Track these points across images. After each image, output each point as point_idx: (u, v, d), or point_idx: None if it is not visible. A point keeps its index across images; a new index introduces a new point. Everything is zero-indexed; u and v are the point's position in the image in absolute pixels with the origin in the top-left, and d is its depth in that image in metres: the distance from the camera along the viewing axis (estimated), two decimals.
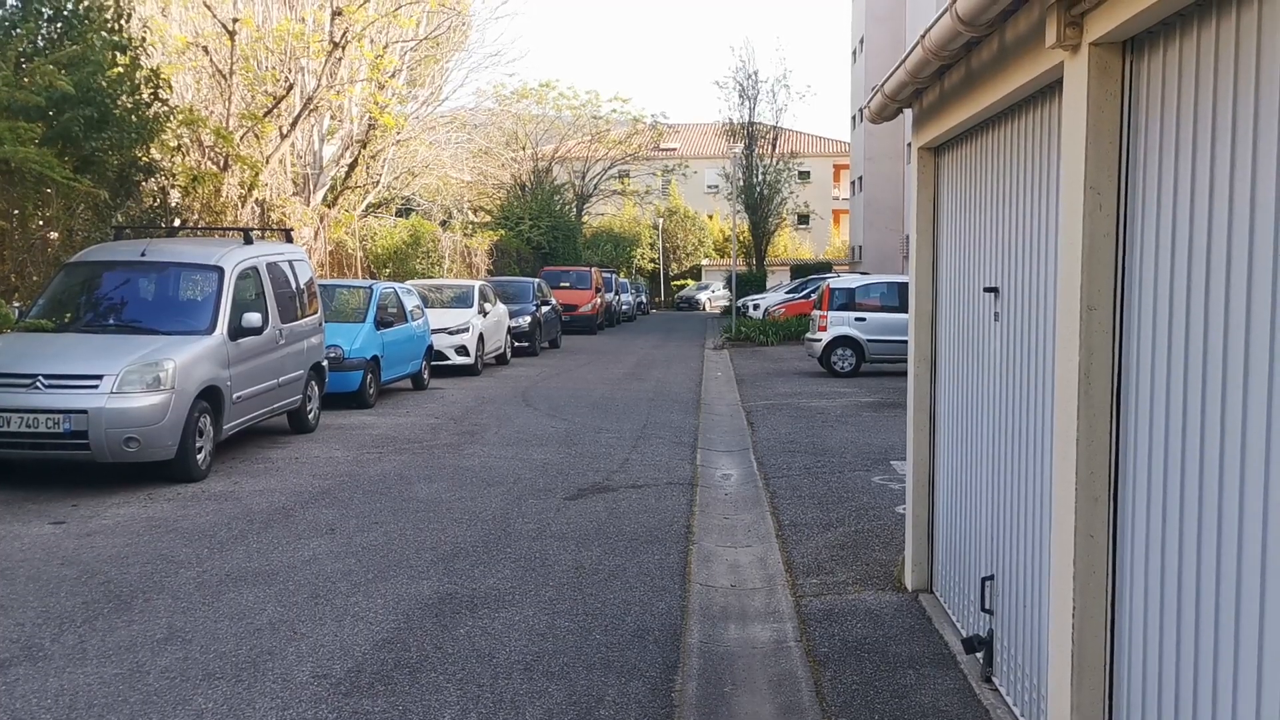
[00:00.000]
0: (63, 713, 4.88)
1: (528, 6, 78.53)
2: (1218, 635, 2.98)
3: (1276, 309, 2.69)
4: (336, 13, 22.03)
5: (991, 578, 5.22)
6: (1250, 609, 2.80)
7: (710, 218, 69.25)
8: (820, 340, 20.60)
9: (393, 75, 26.05)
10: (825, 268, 47.86)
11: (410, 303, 18.08)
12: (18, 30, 13.08)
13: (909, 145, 7.67)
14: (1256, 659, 2.77)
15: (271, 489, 9.79)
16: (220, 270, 11.10)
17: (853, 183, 52.09)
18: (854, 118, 49.81)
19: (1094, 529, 3.73)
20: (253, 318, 11.07)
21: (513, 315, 24.44)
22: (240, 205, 19.22)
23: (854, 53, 49.66)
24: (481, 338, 20.87)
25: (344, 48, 22.33)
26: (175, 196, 17.36)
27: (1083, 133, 3.63)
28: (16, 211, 12.87)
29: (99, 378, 9.45)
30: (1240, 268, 2.87)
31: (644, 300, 53.75)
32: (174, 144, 17.05)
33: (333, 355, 14.57)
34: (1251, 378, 2.81)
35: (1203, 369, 3.08)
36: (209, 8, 20.64)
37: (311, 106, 22.33)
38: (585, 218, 55.50)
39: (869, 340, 20.34)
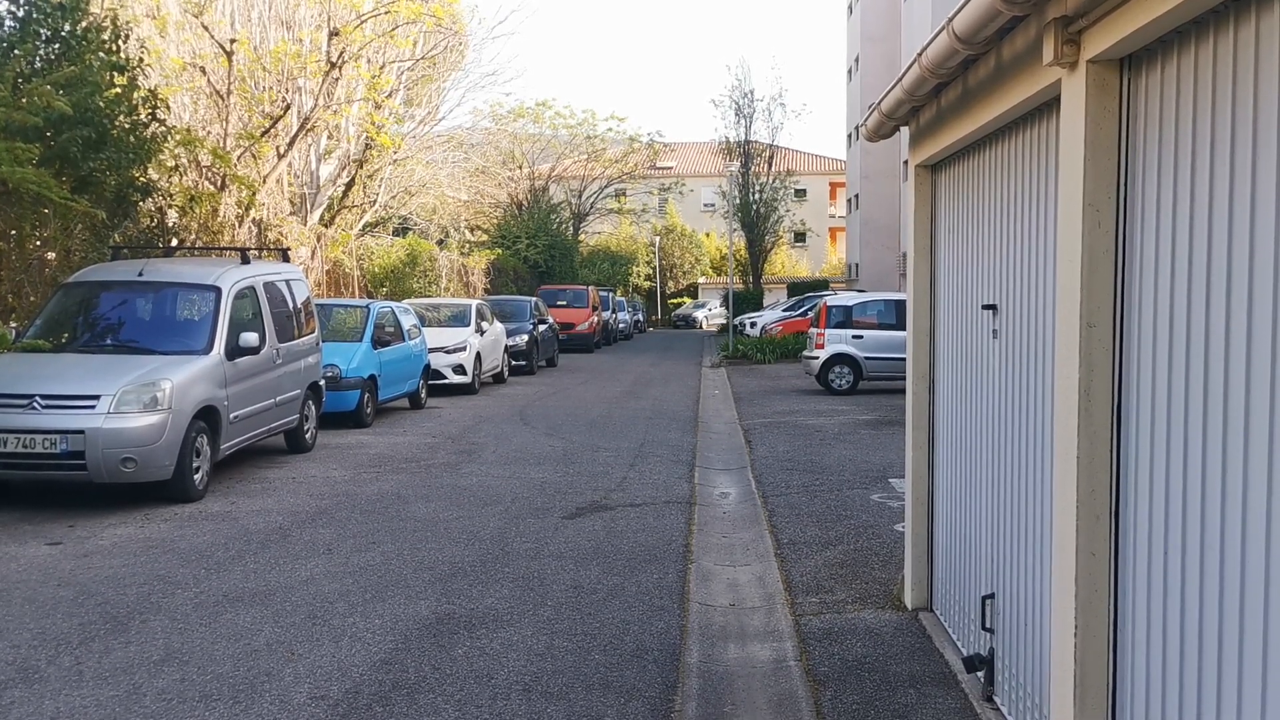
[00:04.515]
0: None
1: (524, 26, 78.97)
2: (1221, 654, 2.96)
3: (1277, 324, 2.69)
4: (334, 33, 22.10)
5: (992, 596, 5.20)
6: (1254, 627, 2.79)
7: (707, 236, 69.36)
8: (818, 358, 20.60)
9: (389, 95, 26.12)
10: (822, 285, 47.88)
11: (407, 322, 18.08)
12: (16, 51, 13.11)
13: (905, 163, 7.69)
14: (1260, 678, 2.75)
15: (268, 509, 9.76)
16: (217, 290, 11.09)
17: (849, 200, 52.24)
18: (850, 136, 49.98)
19: (1095, 547, 3.71)
20: (250, 337, 11.06)
21: (510, 334, 24.41)
22: (237, 225, 19.23)
23: (849, 71, 49.87)
24: (479, 356, 20.85)
25: (341, 68, 22.40)
26: (173, 216, 17.38)
27: (1081, 149, 3.63)
28: (14, 232, 12.87)
29: (96, 398, 9.43)
30: (1240, 283, 2.86)
31: (640, 318, 53.76)
32: (171, 164, 17.07)
33: (330, 374, 14.55)
34: (1253, 393, 2.80)
35: (1204, 385, 3.08)
36: (206, 29, 20.70)
37: (308, 126, 22.37)
38: (582, 236, 55.58)
39: (866, 358, 20.34)
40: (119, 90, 14.25)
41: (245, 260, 12.30)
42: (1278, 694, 2.67)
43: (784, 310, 39.11)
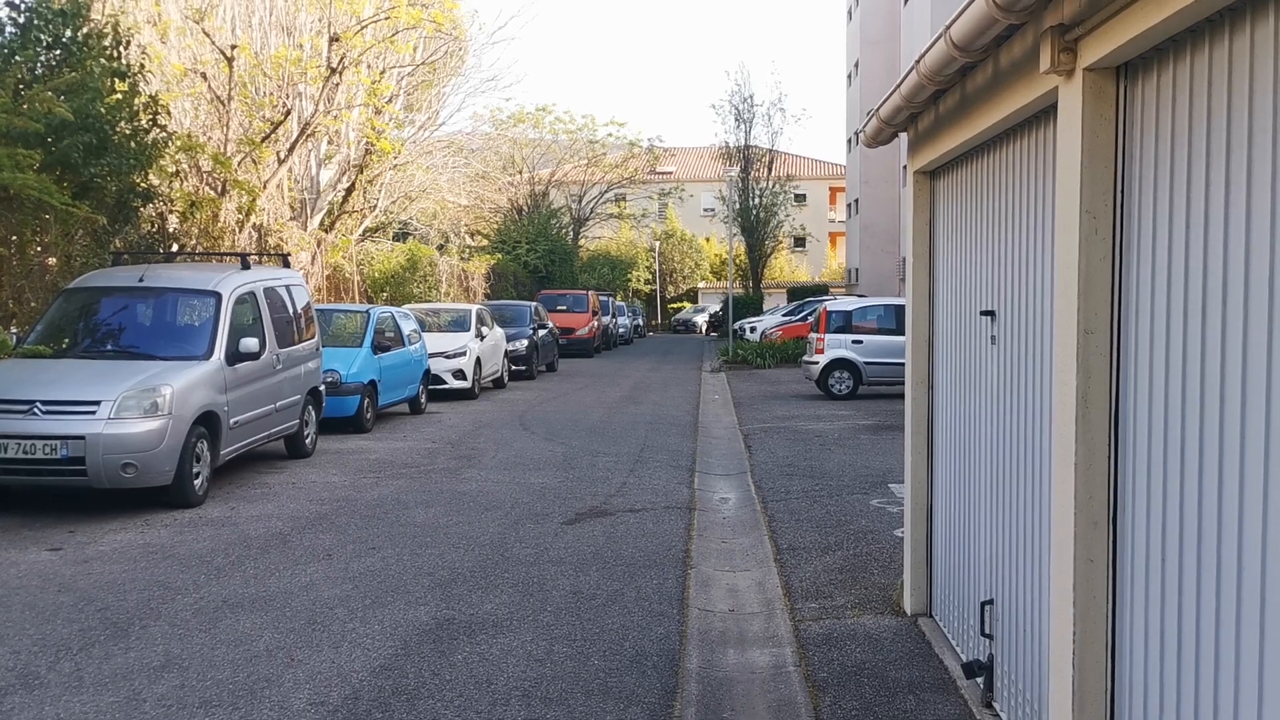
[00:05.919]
0: None
1: (524, 31, 79.02)
2: (1218, 660, 2.97)
3: (1273, 331, 2.70)
4: (334, 39, 22.16)
5: (991, 602, 5.21)
6: (1250, 633, 2.80)
7: (707, 240, 69.38)
8: (817, 363, 20.60)
9: (390, 100, 26.17)
10: (822, 290, 47.89)
11: (407, 327, 18.08)
12: (17, 57, 13.16)
13: (904, 168, 7.70)
14: (1257, 684, 2.76)
15: (268, 514, 9.76)
16: (218, 295, 11.10)
17: (849, 205, 52.27)
18: (849, 141, 50.04)
19: (1093, 553, 3.72)
20: (250, 343, 11.07)
21: (510, 339, 24.41)
22: (238, 230, 19.27)
23: (849, 76, 49.94)
24: (479, 361, 20.86)
25: (341, 73, 22.45)
26: (173, 222, 17.42)
27: (1078, 157, 3.65)
28: (15, 237, 12.89)
29: (96, 403, 9.44)
30: (1237, 290, 2.88)
31: (640, 323, 53.77)
32: (172, 170, 17.11)
33: (330, 380, 14.56)
34: (1249, 400, 2.81)
35: (1200, 392, 3.09)
36: (207, 35, 20.75)
37: (309, 132, 22.42)
38: (582, 241, 55.61)
39: (866, 363, 20.35)
40: (120, 96, 14.29)
41: (245, 265, 12.31)
42: (1275, 701, 2.68)
43: (784, 315, 39.09)
